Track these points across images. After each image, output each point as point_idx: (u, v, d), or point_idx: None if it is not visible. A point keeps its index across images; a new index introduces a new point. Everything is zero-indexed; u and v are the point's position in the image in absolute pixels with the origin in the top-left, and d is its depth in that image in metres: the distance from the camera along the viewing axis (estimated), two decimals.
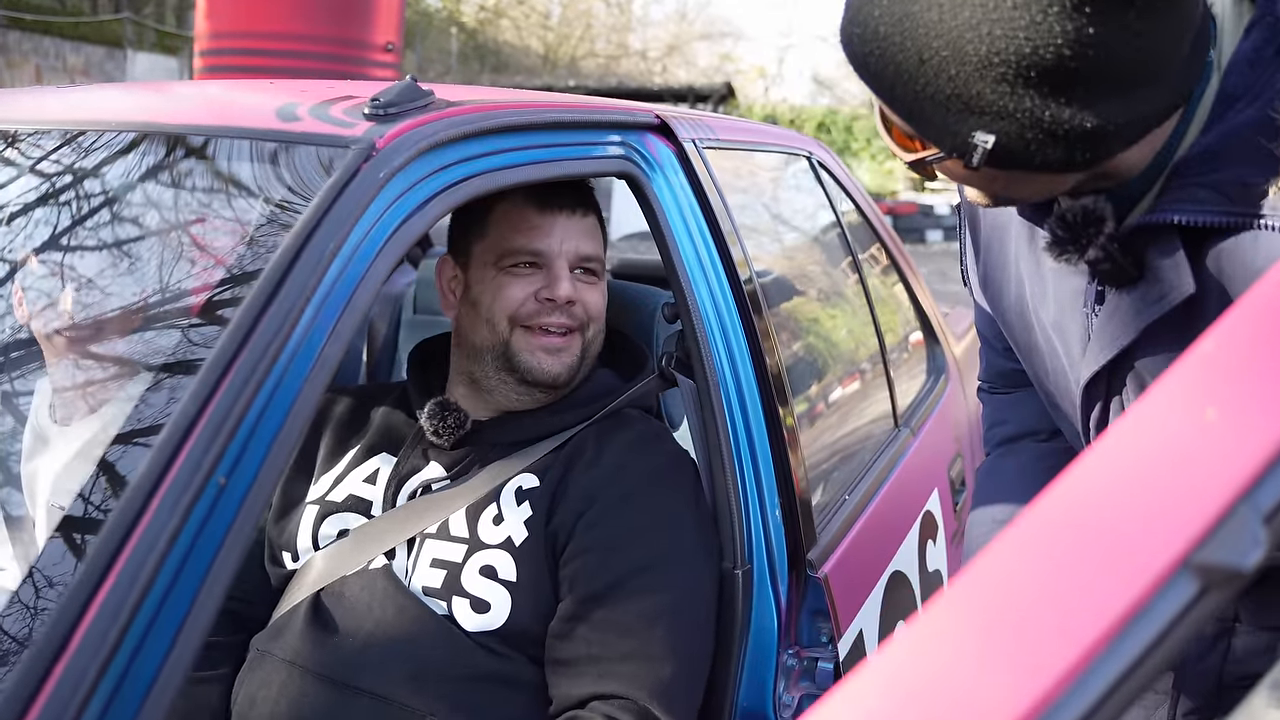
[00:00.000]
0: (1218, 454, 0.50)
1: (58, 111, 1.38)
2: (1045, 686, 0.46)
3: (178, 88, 1.56)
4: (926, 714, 0.46)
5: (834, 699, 0.49)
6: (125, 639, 0.75)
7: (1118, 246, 1.11)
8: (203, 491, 0.85)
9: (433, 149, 1.19)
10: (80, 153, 1.29)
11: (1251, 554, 0.47)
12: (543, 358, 1.63)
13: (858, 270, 2.62)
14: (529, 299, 1.64)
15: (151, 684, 0.76)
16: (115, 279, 1.16)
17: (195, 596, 0.81)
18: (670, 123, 1.75)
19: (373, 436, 1.72)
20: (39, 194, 1.27)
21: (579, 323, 1.66)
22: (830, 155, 2.74)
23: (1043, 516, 0.51)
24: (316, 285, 0.98)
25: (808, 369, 2.18)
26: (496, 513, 1.55)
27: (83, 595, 0.76)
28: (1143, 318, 1.14)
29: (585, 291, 1.67)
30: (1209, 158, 1.07)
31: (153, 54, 19.14)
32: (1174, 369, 0.53)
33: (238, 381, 0.90)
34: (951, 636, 0.48)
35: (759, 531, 1.62)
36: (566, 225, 1.66)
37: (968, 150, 1.04)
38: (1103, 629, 0.46)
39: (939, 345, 3.01)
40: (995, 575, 0.49)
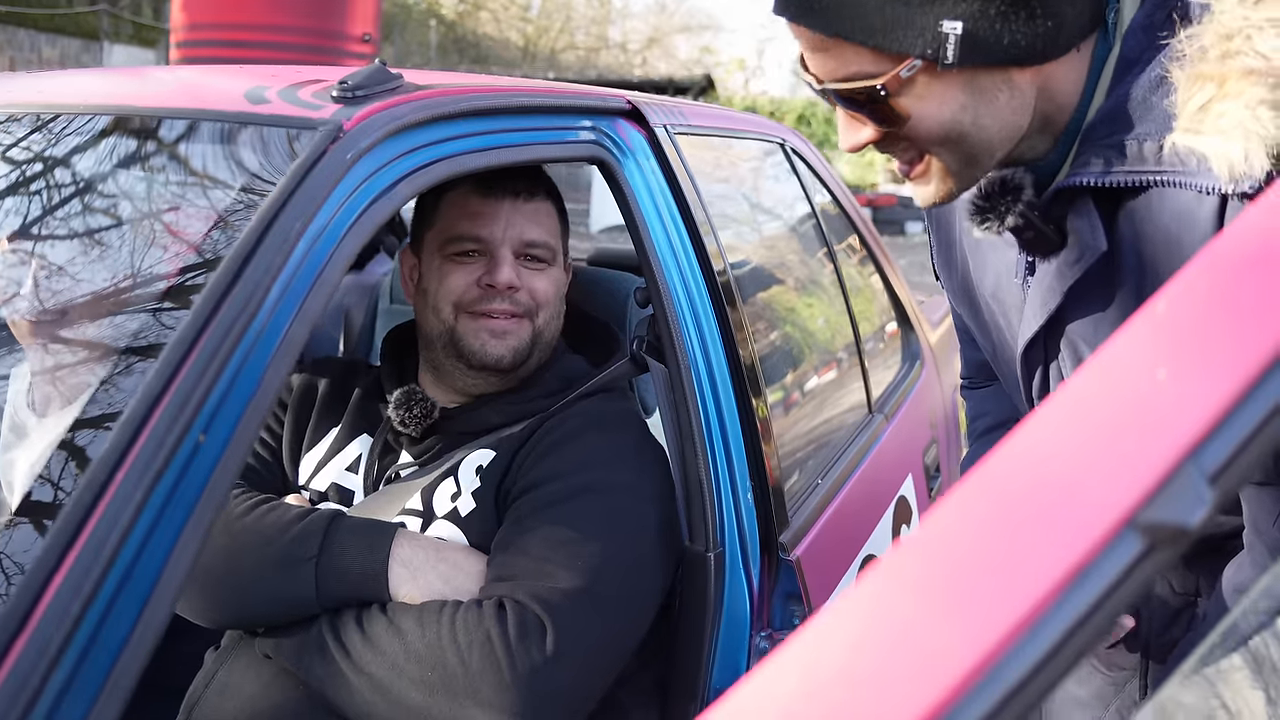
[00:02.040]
0: (1165, 414, 0.50)
1: (26, 96, 1.37)
2: (993, 641, 0.46)
3: (147, 72, 1.55)
4: (875, 668, 0.47)
5: (782, 656, 0.49)
6: (91, 607, 0.75)
7: (1038, 214, 1.15)
8: (163, 473, 0.85)
9: (401, 131, 1.18)
10: (50, 137, 1.28)
11: (1196, 512, 0.48)
12: (487, 339, 1.63)
13: (832, 258, 2.63)
14: (471, 286, 1.63)
15: (117, 657, 0.76)
16: (85, 264, 1.16)
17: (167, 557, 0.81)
18: (642, 108, 1.75)
19: (350, 420, 1.72)
20: (7, 179, 1.26)
21: (524, 309, 1.65)
22: (805, 143, 2.75)
23: (991, 474, 0.51)
24: (283, 265, 0.98)
25: (781, 354, 2.19)
26: (455, 489, 1.55)
27: (49, 564, 0.76)
28: (1065, 280, 1.17)
29: (531, 278, 1.66)
30: (1110, 120, 1.11)
31: (129, 46, 19.01)
32: (1124, 329, 0.54)
33: (201, 360, 0.89)
34: (900, 593, 0.49)
35: (731, 515, 1.62)
36: (511, 211, 1.65)
37: (940, 44, 1.05)
38: (1049, 585, 0.47)
39: (914, 332, 3.02)
40: (943, 532, 0.50)
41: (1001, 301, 1.31)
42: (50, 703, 0.73)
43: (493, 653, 1.30)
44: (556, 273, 1.71)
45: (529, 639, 1.32)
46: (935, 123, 1.12)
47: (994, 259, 1.31)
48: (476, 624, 1.32)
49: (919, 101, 1.11)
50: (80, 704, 0.74)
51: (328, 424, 1.73)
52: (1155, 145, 1.06)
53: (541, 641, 1.32)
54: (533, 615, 1.34)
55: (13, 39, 16.77)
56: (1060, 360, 1.25)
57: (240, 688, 1.47)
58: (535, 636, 1.32)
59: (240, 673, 1.49)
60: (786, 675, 0.49)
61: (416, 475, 1.60)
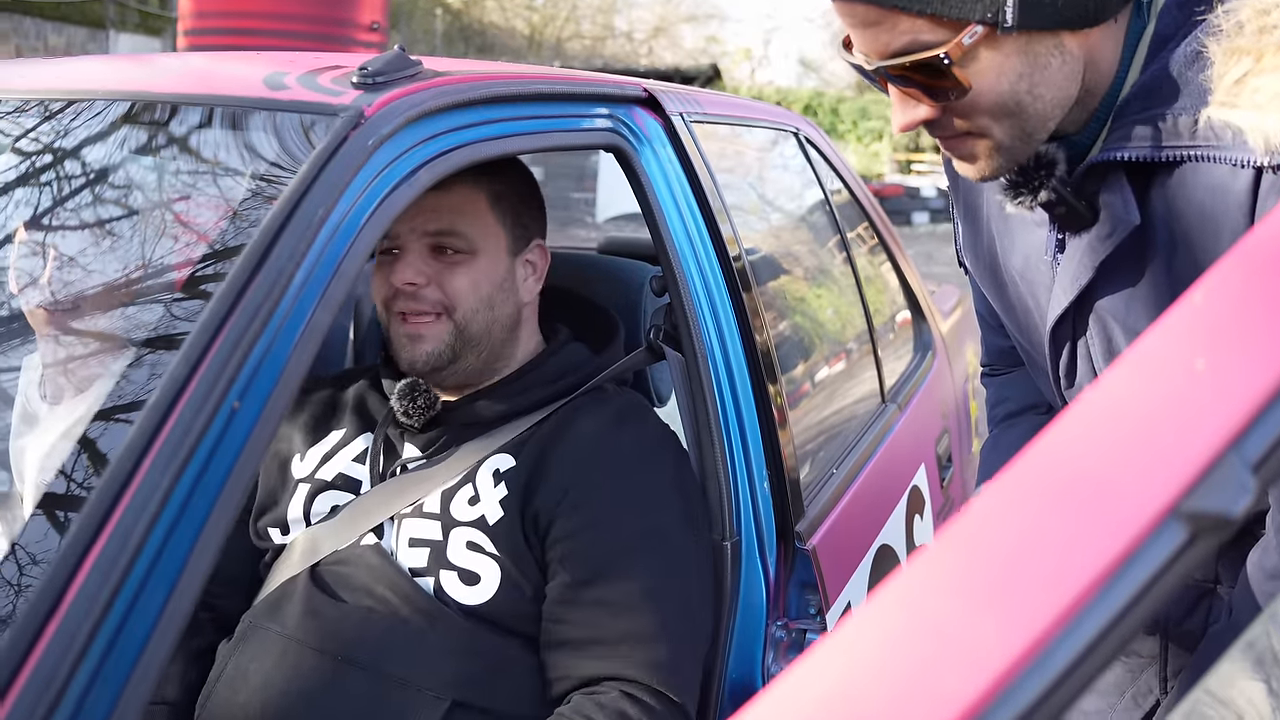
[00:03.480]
0: (1206, 404, 0.50)
1: (43, 82, 1.37)
2: (1035, 633, 0.46)
3: (164, 58, 1.55)
4: (917, 661, 0.47)
5: (824, 647, 0.49)
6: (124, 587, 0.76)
7: (1071, 189, 1.15)
8: (187, 463, 0.85)
9: (421, 118, 1.18)
10: (67, 123, 1.28)
11: (1240, 501, 0.48)
12: (405, 343, 1.59)
13: (845, 247, 2.62)
14: (388, 285, 1.59)
15: (154, 626, 0.76)
16: (104, 251, 1.16)
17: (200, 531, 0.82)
18: (658, 96, 1.74)
19: (354, 417, 1.71)
20: (24, 166, 1.26)
21: (436, 306, 1.58)
22: (818, 132, 2.74)
23: (1033, 465, 0.51)
24: (306, 251, 0.97)
25: (796, 344, 2.19)
26: (473, 494, 1.54)
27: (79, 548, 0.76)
28: (1097, 255, 1.17)
29: (441, 272, 1.59)
30: (1145, 95, 1.10)
31: (135, 35, 19.01)
32: (1163, 320, 0.54)
33: (225, 348, 0.89)
34: (941, 585, 0.49)
35: (747, 504, 1.63)
36: (419, 204, 1.52)
37: (1000, 8, 1.04)
38: (1092, 576, 0.47)
39: (925, 322, 3.02)
40: (985, 524, 0.50)
41: (1030, 280, 1.31)
42: (85, 680, 0.73)
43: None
44: (482, 263, 1.61)
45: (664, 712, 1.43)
46: (995, 94, 1.10)
47: (1023, 237, 1.30)
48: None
49: (979, 72, 1.09)
50: (114, 680, 0.74)
51: (329, 423, 1.73)
52: (1190, 120, 1.06)
53: (673, 708, 1.44)
54: (654, 691, 1.43)
55: (19, 27, 16.77)
56: (1089, 337, 1.25)
57: (248, 676, 1.48)
58: (667, 706, 1.44)
59: (249, 660, 1.49)
60: (823, 671, 0.49)
61: (424, 468, 1.60)
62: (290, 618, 1.50)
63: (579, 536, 1.50)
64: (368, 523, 1.56)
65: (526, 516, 1.52)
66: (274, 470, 1.71)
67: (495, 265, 1.63)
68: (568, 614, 1.48)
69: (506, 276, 1.65)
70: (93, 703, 0.74)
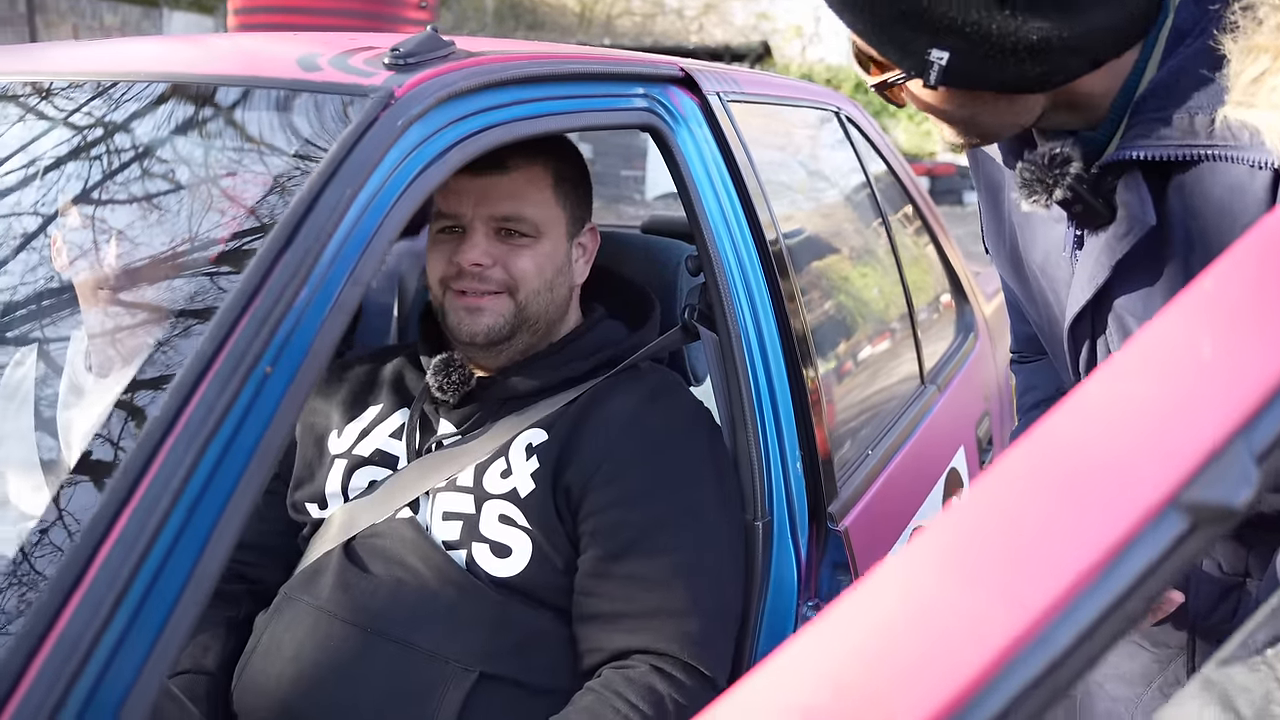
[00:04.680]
0: (1213, 391, 0.50)
1: (83, 64, 1.39)
2: (1028, 620, 0.46)
3: (200, 39, 1.57)
4: (907, 645, 0.47)
5: (820, 627, 0.49)
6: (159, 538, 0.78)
7: (1087, 187, 1.14)
8: (221, 423, 0.87)
9: (452, 98, 1.19)
10: (107, 104, 1.30)
11: (1242, 492, 0.47)
12: (463, 316, 1.61)
13: (886, 227, 2.60)
14: (449, 263, 1.61)
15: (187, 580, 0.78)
16: (140, 228, 1.18)
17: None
18: (695, 75, 1.74)
19: (391, 393, 1.73)
20: (66, 146, 1.28)
21: (499, 287, 1.61)
22: (860, 111, 2.72)
23: (1032, 450, 0.51)
24: (334, 229, 0.98)
25: (833, 324, 2.18)
26: (505, 467, 1.56)
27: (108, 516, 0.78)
28: (1114, 254, 1.16)
29: (507, 254, 1.61)
30: (1162, 92, 1.10)
31: (189, 13, 19.16)
32: (1172, 306, 0.53)
33: (257, 318, 0.91)
34: (934, 568, 0.49)
35: (779, 484, 1.63)
36: (483, 186, 1.60)
37: (925, 69, 1.08)
38: (1089, 562, 0.46)
39: (968, 304, 2.99)
40: (982, 507, 0.50)
41: (1050, 275, 1.30)
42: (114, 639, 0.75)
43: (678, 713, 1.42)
44: (545, 246, 1.64)
45: (694, 687, 1.44)
46: (931, 111, 1.17)
47: (1042, 232, 1.30)
48: (648, 694, 1.42)
49: (915, 94, 1.16)
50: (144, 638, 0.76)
51: (366, 399, 1.75)
52: (1207, 119, 1.04)
53: (703, 681, 1.45)
54: (684, 665, 1.45)
55: (75, 6, 16.96)
56: (1108, 335, 1.24)
57: (282, 647, 1.50)
58: (698, 680, 1.45)
59: (283, 631, 1.52)
60: (823, 646, 0.49)
61: (459, 444, 1.61)
62: (323, 590, 1.52)
63: (611, 511, 1.51)
64: (404, 498, 1.58)
65: (558, 490, 1.54)
66: (311, 445, 1.73)
67: (557, 248, 1.66)
68: (599, 587, 1.49)
69: (565, 259, 1.68)
70: (122, 659, 0.76)
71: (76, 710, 0.73)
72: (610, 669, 1.45)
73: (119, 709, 0.73)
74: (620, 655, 1.47)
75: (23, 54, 1.50)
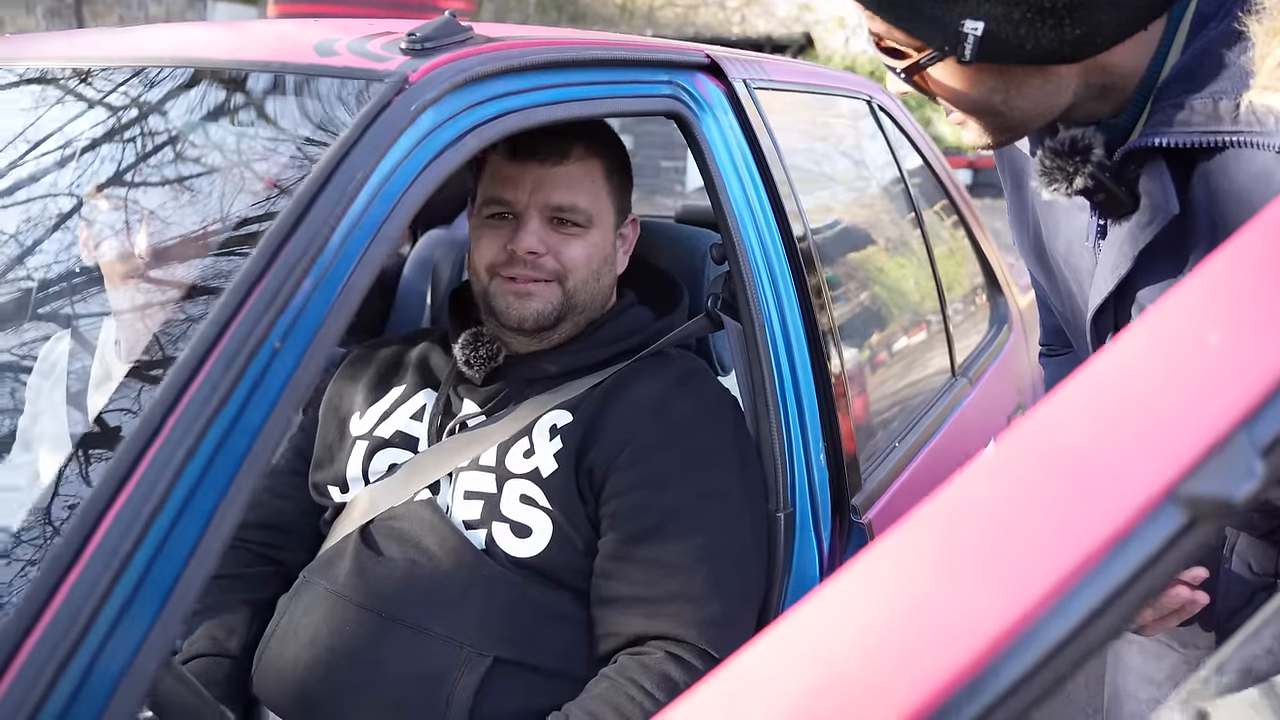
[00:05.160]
0: (1217, 380, 0.48)
1: (100, 50, 1.39)
2: (1018, 613, 0.44)
3: (220, 25, 1.57)
4: (891, 637, 0.45)
5: (811, 608, 0.48)
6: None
7: (1109, 176, 1.11)
8: (230, 395, 0.86)
9: (468, 83, 1.18)
10: (124, 90, 1.30)
11: (1244, 486, 0.45)
12: (511, 301, 1.62)
13: (918, 218, 2.57)
14: (500, 249, 1.62)
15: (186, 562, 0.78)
16: (157, 213, 1.18)
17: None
18: (721, 62, 1.72)
19: (415, 375, 1.74)
20: (85, 131, 1.29)
21: (550, 275, 1.62)
22: (893, 100, 2.68)
23: (1027, 436, 0.49)
24: (343, 213, 0.98)
25: (860, 315, 2.15)
26: (528, 447, 1.56)
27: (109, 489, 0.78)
28: (1136, 244, 1.13)
29: (560, 243, 1.63)
30: (1185, 77, 1.07)
31: (232, 3, 19.31)
32: (1177, 289, 0.51)
33: (261, 300, 0.90)
34: (920, 558, 0.47)
35: (802, 475, 1.61)
36: (539, 175, 1.62)
37: (959, 42, 1.04)
38: (1081, 556, 0.45)
39: (1002, 296, 2.95)
40: (970, 497, 0.48)
41: (1073, 266, 1.27)
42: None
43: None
44: (595, 236, 1.66)
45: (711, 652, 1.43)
46: (963, 100, 1.12)
47: (1065, 222, 1.27)
48: (664, 682, 1.40)
49: (946, 81, 1.11)
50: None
51: (390, 381, 1.75)
52: (1231, 104, 1.01)
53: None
54: (701, 652, 1.44)
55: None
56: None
57: (298, 631, 1.51)
58: (713, 668, 1.40)
59: (301, 615, 1.52)
60: (804, 642, 0.48)
61: (483, 425, 1.61)
62: (340, 574, 1.53)
63: (633, 493, 1.50)
64: (425, 479, 1.58)
65: (581, 470, 1.53)
66: (333, 427, 1.73)
67: (605, 238, 1.68)
68: (619, 570, 1.48)
69: (611, 249, 1.70)
70: (119, 637, 0.76)
71: (74, 683, 0.73)
72: (626, 655, 1.44)
73: (115, 685, 0.73)
74: (637, 641, 1.46)
75: (34, 42, 1.51)
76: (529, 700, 1.43)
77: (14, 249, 1.27)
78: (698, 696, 0.52)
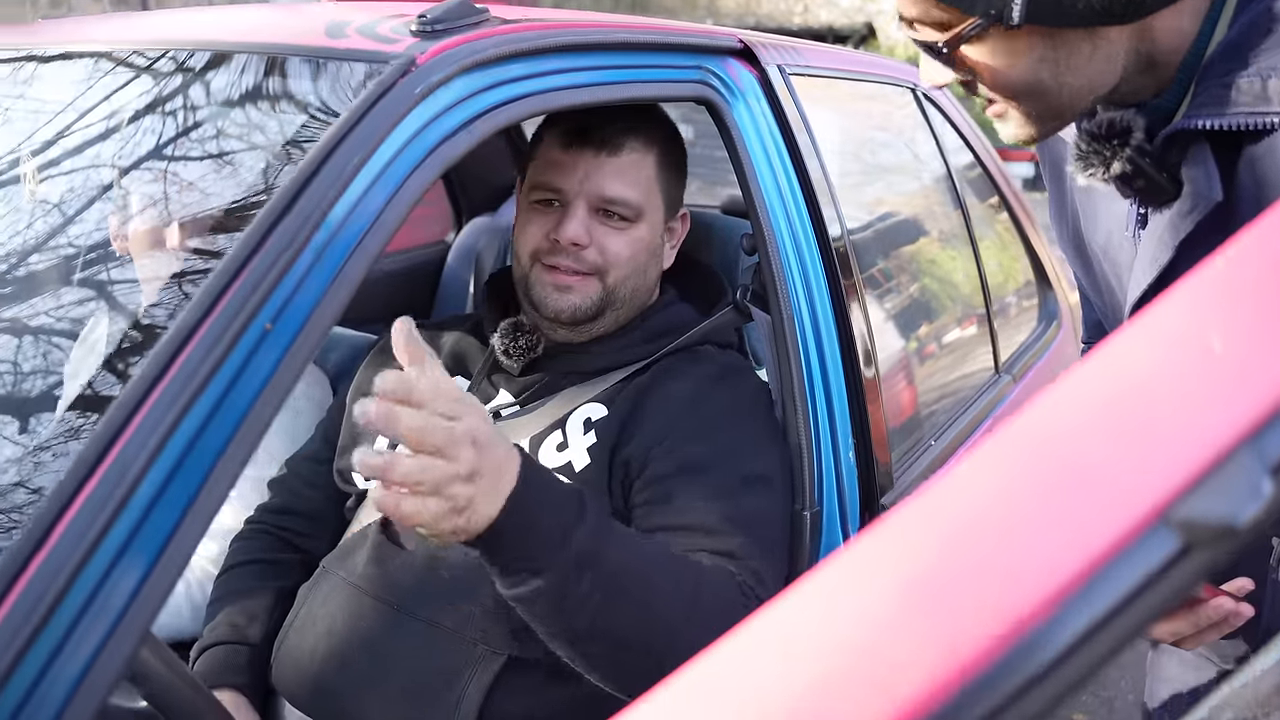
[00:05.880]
0: (1220, 389, 0.43)
1: (112, 35, 1.38)
2: (990, 644, 0.40)
3: (237, 10, 1.55)
4: (863, 662, 0.41)
5: (761, 637, 0.44)
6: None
7: (1150, 161, 1.05)
8: (216, 371, 0.84)
9: (478, 66, 1.14)
10: (133, 73, 1.29)
11: (1248, 508, 0.40)
12: (550, 292, 1.58)
13: (963, 210, 2.50)
14: (544, 237, 1.58)
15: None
16: (165, 194, 1.16)
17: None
18: (754, 47, 1.67)
19: (447, 362, 1.71)
20: (90, 113, 1.27)
21: (591, 268, 1.58)
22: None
23: (1010, 444, 0.44)
24: (340, 193, 0.95)
25: (898, 309, 2.10)
26: (561, 440, 1.52)
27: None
28: (1178, 233, 1.06)
29: (605, 236, 1.58)
30: (1231, 55, 1.00)
31: None
32: (1178, 288, 0.46)
33: (250, 281, 0.88)
34: (875, 579, 0.43)
35: (830, 473, 1.56)
36: (592, 164, 1.57)
37: (1006, 6, 0.98)
38: (1055, 587, 0.40)
39: (1051, 291, 2.87)
40: (940, 507, 0.43)
41: (1113, 258, 1.21)
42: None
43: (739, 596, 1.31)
44: (641, 230, 1.62)
45: (759, 594, 1.33)
46: (1008, 79, 1.05)
47: (1105, 211, 1.21)
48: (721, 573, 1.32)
49: (990, 57, 1.04)
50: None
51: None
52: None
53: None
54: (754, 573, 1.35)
55: None
56: None
57: (316, 621, 1.49)
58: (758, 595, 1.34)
59: (319, 605, 1.51)
60: (757, 671, 0.44)
61: (517, 416, 1.58)
62: (358, 565, 1.50)
63: (668, 481, 1.45)
64: None
65: (615, 464, 1.49)
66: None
67: (652, 233, 1.64)
68: (648, 503, 1.43)
69: (658, 244, 1.66)
70: (81, 634, 0.73)
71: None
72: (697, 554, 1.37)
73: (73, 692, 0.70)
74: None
75: (53, 28, 1.50)
76: (541, 701, 1.40)
77: (25, 223, 1.26)
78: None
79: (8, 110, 1.34)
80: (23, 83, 1.40)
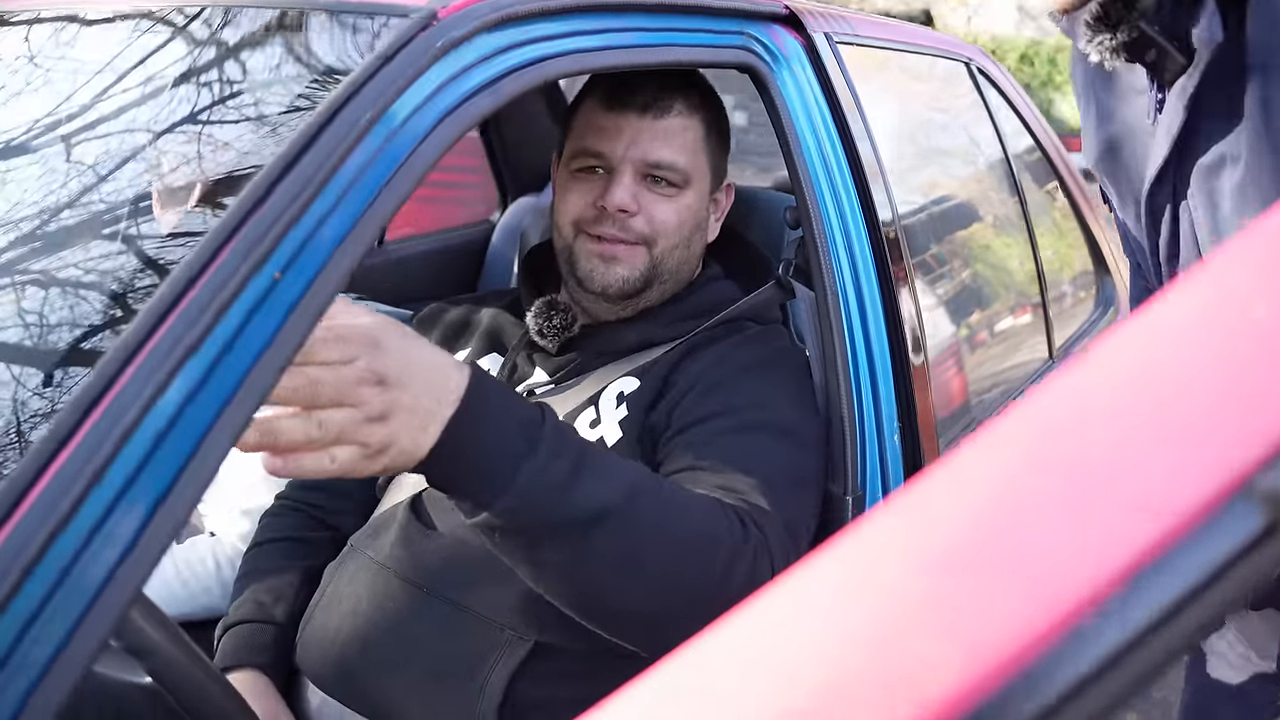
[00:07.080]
0: None
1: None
2: (1035, 634, 0.34)
3: None
4: (865, 669, 0.35)
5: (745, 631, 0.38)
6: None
7: (1159, 30, 1.03)
8: (220, 317, 0.79)
9: (505, 22, 1.09)
10: (149, 28, 1.25)
11: None
12: (596, 264, 1.52)
13: (1018, 191, 2.41)
14: (589, 205, 1.52)
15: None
16: (169, 155, 1.12)
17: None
18: (800, 14, 1.60)
19: (482, 338, 1.67)
20: (104, 69, 1.24)
21: (638, 237, 1.51)
22: (995, 65, 2.53)
23: (1053, 406, 0.38)
24: (349, 150, 0.90)
25: (948, 290, 2.02)
26: (594, 417, 1.47)
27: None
28: (1185, 93, 1.05)
29: (652, 203, 1.52)
30: None
31: None
32: (1232, 243, 0.40)
33: (259, 228, 0.84)
34: (895, 556, 0.37)
35: (874, 456, 1.49)
36: (637, 127, 1.51)
37: None
38: (1115, 568, 0.34)
39: (1109, 276, 2.78)
40: (962, 490, 0.37)
41: (1135, 157, 1.18)
42: None
43: (734, 524, 1.21)
44: (689, 198, 1.56)
45: (775, 556, 1.23)
46: None
47: (1126, 108, 1.19)
48: (710, 502, 1.22)
49: None
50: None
51: (455, 343, 1.68)
52: None
53: (769, 564, 1.22)
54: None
55: None
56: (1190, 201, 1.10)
57: (341, 601, 1.45)
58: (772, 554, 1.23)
59: (345, 584, 1.47)
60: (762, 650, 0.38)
61: (551, 394, 1.53)
62: (385, 544, 1.46)
63: (696, 428, 1.38)
64: None
65: (645, 429, 1.44)
66: None
67: (699, 202, 1.58)
68: (668, 453, 1.37)
69: (704, 213, 1.61)
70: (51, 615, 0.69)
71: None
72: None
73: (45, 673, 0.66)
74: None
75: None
76: (566, 687, 1.35)
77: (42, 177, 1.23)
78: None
79: (16, 73, 1.31)
80: (33, 41, 1.36)
